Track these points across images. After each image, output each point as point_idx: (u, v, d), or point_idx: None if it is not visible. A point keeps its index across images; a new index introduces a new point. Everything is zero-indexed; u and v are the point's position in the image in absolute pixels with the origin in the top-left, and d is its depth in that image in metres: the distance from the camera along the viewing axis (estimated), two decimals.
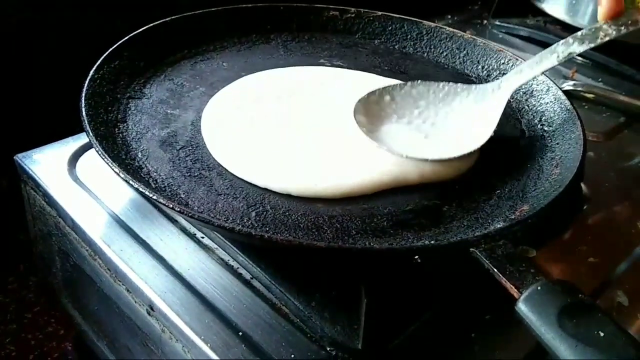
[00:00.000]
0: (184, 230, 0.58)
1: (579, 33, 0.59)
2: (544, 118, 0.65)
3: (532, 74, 0.62)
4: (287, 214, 0.52)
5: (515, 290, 0.42)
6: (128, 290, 0.54)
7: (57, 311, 0.80)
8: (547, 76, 0.68)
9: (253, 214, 0.51)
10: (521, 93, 0.69)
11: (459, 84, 0.64)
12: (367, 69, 0.74)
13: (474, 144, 0.59)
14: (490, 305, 0.51)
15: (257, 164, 0.56)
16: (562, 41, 0.60)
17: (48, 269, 0.71)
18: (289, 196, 0.54)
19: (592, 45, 0.58)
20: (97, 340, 0.68)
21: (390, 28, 0.81)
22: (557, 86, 0.67)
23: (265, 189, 0.54)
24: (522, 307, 0.41)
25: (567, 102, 0.64)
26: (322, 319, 0.48)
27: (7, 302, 0.82)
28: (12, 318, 0.81)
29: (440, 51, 0.78)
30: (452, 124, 0.62)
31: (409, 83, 0.64)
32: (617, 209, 0.66)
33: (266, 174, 0.55)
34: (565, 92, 0.66)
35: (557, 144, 0.61)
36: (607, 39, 0.57)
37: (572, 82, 0.87)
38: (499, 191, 0.56)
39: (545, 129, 0.64)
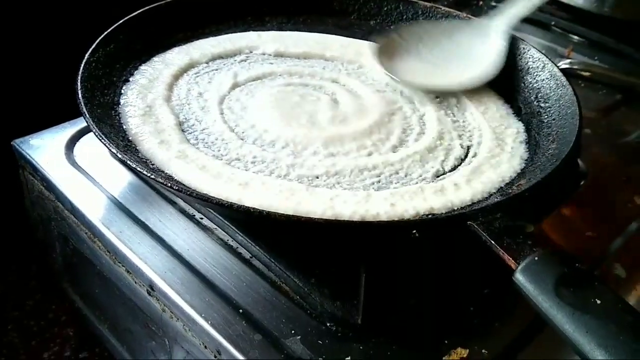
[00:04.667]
0: (183, 211, 0.58)
1: None
2: (540, 95, 0.65)
3: (527, 5, 0.67)
4: None
5: (513, 261, 0.42)
6: (128, 272, 0.55)
7: (59, 297, 0.80)
8: (543, 53, 0.68)
9: None
10: (517, 70, 0.69)
11: (458, 20, 0.70)
12: None
13: (484, 74, 0.66)
14: (489, 279, 0.52)
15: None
16: None
17: (48, 254, 0.71)
18: None
19: None
20: (98, 324, 0.68)
21: (385, 9, 0.80)
22: (553, 63, 0.67)
23: None
24: (519, 277, 0.41)
25: (563, 78, 0.64)
26: (322, 295, 0.49)
27: (8, 290, 0.83)
28: (14, 305, 0.81)
29: None
30: (459, 56, 0.67)
31: (415, 23, 0.70)
32: (614, 184, 0.67)
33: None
34: (562, 71, 0.66)
35: (554, 119, 0.61)
36: None
37: (568, 61, 0.87)
38: None
39: (542, 105, 0.64)
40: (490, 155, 0.57)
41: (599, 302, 0.39)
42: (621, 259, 0.57)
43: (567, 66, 0.85)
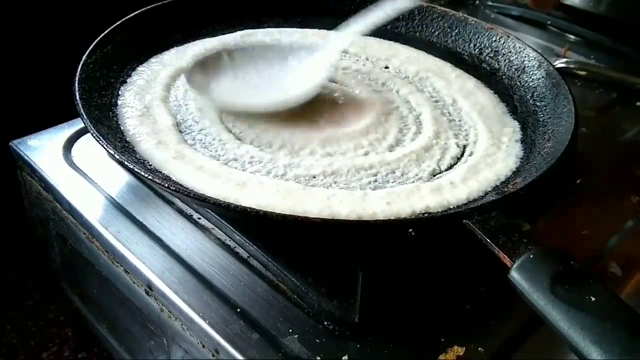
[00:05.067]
0: (180, 211, 0.58)
1: None
2: (535, 94, 0.66)
3: (358, 29, 0.66)
4: None
5: (508, 259, 0.42)
6: (126, 272, 0.55)
7: (57, 298, 0.80)
8: (538, 52, 0.69)
9: None
10: (513, 69, 0.70)
11: (298, 46, 0.68)
12: None
13: (304, 92, 0.62)
14: (485, 277, 0.52)
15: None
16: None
17: (46, 255, 0.72)
18: None
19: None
20: (97, 324, 0.68)
21: None
22: (549, 62, 0.67)
23: None
24: (514, 275, 0.41)
25: (559, 77, 0.64)
26: (319, 294, 0.49)
27: (7, 290, 0.83)
28: (13, 305, 0.81)
29: (432, 30, 0.78)
30: (285, 79, 0.65)
31: (250, 47, 0.68)
32: (610, 182, 0.67)
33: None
34: (558, 70, 0.67)
35: (549, 118, 0.61)
36: None
37: (564, 60, 0.88)
38: None
39: (538, 104, 0.64)
40: (486, 154, 0.57)
41: (593, 299, 0.39)
42: (617, 257, 0.57)
43: (563, 65, 0.86)
